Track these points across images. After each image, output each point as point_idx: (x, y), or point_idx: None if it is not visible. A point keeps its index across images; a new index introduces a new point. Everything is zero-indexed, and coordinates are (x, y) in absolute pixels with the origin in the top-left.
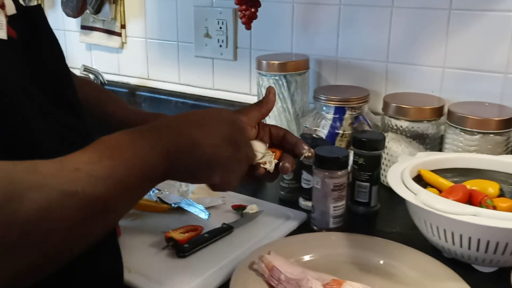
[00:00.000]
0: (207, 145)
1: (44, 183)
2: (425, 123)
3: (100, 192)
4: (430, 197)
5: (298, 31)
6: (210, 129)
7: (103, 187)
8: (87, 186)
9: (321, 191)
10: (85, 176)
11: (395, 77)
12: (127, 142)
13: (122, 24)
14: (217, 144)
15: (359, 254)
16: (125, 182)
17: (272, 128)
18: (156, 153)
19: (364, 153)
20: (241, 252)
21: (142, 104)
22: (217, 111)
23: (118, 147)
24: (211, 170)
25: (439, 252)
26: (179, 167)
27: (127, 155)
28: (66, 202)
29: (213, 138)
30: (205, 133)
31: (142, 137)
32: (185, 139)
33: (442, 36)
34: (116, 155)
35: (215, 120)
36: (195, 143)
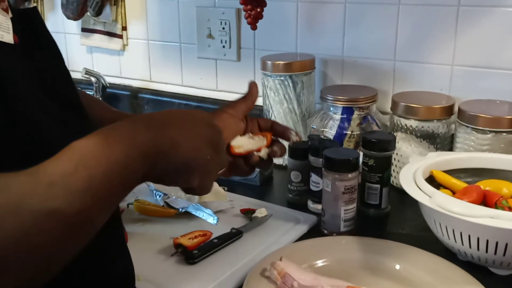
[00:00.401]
0: (187, 147)
1: (19, 205)
2: (435, 122)
3: (79, 207)
4: (446, 200)
5: (303, 30)
6: (190, 130)
7: (82, 201)
8: (65, 203)
9: (332, 194)
10: (62, 191)
11: (403, 75)
12: (103, 147)
13: (123, 26)
14: (196, 147)
15: (373, 258)
16: (103, 191)
17: (260, 120)
18: (135, 156)
19: (374, 154)
20: (252, 258)
21: (145, 107)
22: (195, 112)
23: (93, 154)
24: (190, 173)
25: (453, 255)
26: (158, 170)
27: (103, 162)
28: (43, 223)
29: (193, 139)
30: (185, 134)
31: (119, 140)
32: (164, 140)
33: (451, 33)
34: (92, 163)
35: (194, 120)
36: (174, 144)
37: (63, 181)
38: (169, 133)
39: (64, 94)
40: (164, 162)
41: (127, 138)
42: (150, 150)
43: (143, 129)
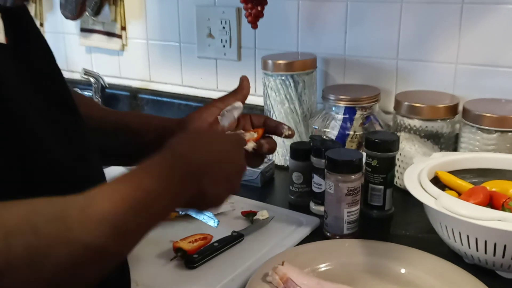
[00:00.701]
0: (212, 196)
1: (71, 237)
2: (439, 122)
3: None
4: (452, 202)
5: (304, 29)
6: (221, 180)
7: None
8: (113, 242)
9: (334, 196)
10: (111, 230)
11: (406, 74)
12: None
13: (123, 26)
14: (220, 195)
15: (377, 262)
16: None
17: (253, 117)
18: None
19: (377, 155)
20: (253, 262)
21: (145, 107)
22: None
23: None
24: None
25: (459, 257)
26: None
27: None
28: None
29: (220, 189)
30: (215, 184)
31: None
32: (196, 192)
33: (455, 31)
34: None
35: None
36: (203, 194)
37: (113, 219)
38: (201, 183)
39: (56, 93)
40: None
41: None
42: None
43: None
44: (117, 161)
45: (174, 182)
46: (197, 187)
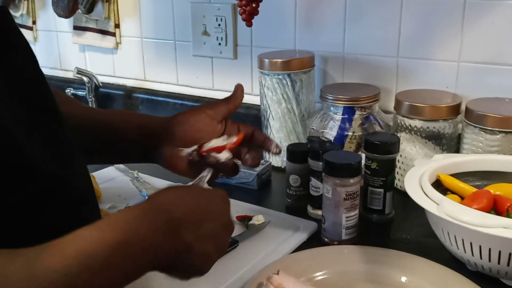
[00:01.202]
0: (198, 253)
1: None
2: (441, 122)
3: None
4: (455, 208)
5: (301, 27)
6: (206, 233)
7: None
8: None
9: (332, 201)
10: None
11: (407, 73)
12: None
13: (116, 23)
14: (207, 252)
15: (377, 270)
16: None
17: (241, 126)
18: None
19: (377, 157)
20: (248, 270)
21: (139, 107)
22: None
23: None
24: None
25: (462, 264)
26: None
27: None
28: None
29: (206, 243)
30: (200, 237)
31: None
32: (180, 246)
33: (457, 27)
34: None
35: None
36: (188, 249)
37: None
38: (187, 237)
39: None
40: (174, 265)
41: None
42: (164, 255)
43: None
44: (99, 159)
45: (150, 234)
46: (180, 241)
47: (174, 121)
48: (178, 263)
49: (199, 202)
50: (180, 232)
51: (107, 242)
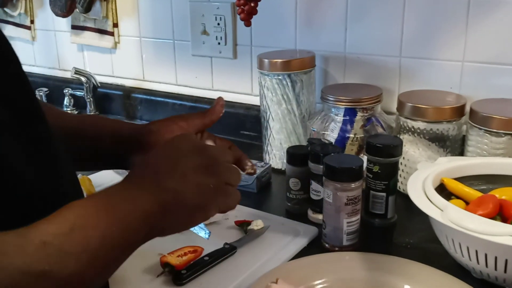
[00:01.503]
0: (190, 189)
1: (6, 264)
2: (444, 123)
3: (73, 269)
4: (460, 215)
5: (302, 26)
6: (184, 170)
7: (76, 263)
8: (57, 264)
9: (333, 205)
10: (54, 251)
11: (410, 73)
12: (102, 207)
13: (115, 22)
14: (198, 183)
15: (379, 277)
16: (101, 254)
17: (218, 140)
18: (137, 215)
19: (379, 160)
20: (246, 278)
21: (138, 107)
22: (179, 144)
23: (91, 215)
24: (206, 210)
25: (466, 271)
26: (167, 224)
27: (102, 223)
28: (33, 286)
29: (191, 178)
30: (181, 177)
31: (119, 200)
32: (165, 194)
33: (461, 26)
34: (90, 224)
35: (183, 156)
36: (176, 192)
37: (57, 241)
38: (166, 185)
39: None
40: (173, 214)
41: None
42: (154, 210)
43: (142, 191)
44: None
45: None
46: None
47: (146, 131)
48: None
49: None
50: (159, 183)
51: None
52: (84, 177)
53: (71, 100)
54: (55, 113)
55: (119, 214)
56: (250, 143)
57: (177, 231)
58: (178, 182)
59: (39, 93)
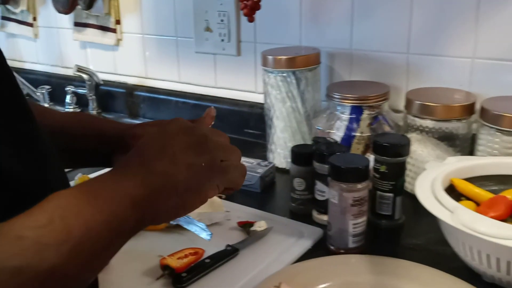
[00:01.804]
0: (181, 171)
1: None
2: (454, 122)
3: (52, 261)
4: (471, 217)
5: (307, 22)
6: (173, 152)
7: (56, 255)
8: (34, 258)
9: (339, 207)
10: (31, 245)
11: (418, 70)
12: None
13: (117, 19)
14: (189, 163)
15: (385, 281)
16: (85, 244)
17: None
18: (125, 204)
19: (386, 160)
20: (248, 281)
21: (141, 105)
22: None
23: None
24: (199, 191)
25: (477, 275)
26: (160, 210)
27: (85, 211)
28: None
29: (181, 159)
30: (171, 159)
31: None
32: (154, 178)
33: (471, 22)
34: (71, 213)
35: (171, 138)
36: (167, 175)
37: (34, 234)
38: (155, 168)
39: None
40: (165, 199)
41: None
42: (143, 195)
43: (128, 176)
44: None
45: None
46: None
47: (129, 133)
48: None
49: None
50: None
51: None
52: (84, 176)
53: (74, 98)
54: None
55: (103, 201)
56: (254, 141)
57: (172, 217)
58: (167, 164)
59: (41, 91)
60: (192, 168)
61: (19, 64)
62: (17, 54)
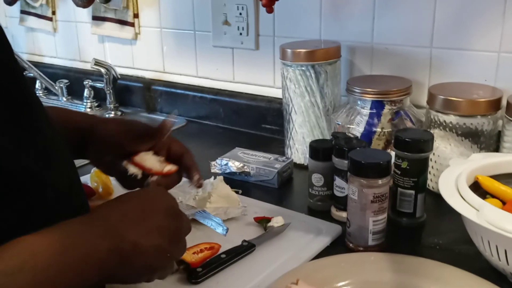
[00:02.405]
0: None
1: None
2: (478, 118)
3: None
4: (498, 215)
5: (327, 15)
6: (150, 227)
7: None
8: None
9: (358, 203)
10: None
11: (441, 64)
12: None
13: (135, 13)
14: (159, 246)
15: (406, 280)
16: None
17: (173, 144)
18: (92, 263)
19: (408, 156)
20: (264, 277)
21: (158, 100)
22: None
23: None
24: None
25: (502, 276)
26: (118, 275)
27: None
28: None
29: (154, 237)
30: (146, 233)
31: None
32: (125, 245)
33: (498, 14)
34: (41, 265)
35: (155, 212)
36: (136, 247)
37: (2, 280)
38: (129, 236)
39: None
40: (125, 268)
41: (86, 244)
42: (110, 259)
43: (102, 234)
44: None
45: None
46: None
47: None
48: (128, 264)
49: (135, 202)
50: (121, 232)
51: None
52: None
53: (91, 92)
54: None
55: (73, 259)
56: (272, 137)
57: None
58: (140, 235)
59: (60, 85)
60: (158, 251)
61: (38, 58)
62: (36, 48)
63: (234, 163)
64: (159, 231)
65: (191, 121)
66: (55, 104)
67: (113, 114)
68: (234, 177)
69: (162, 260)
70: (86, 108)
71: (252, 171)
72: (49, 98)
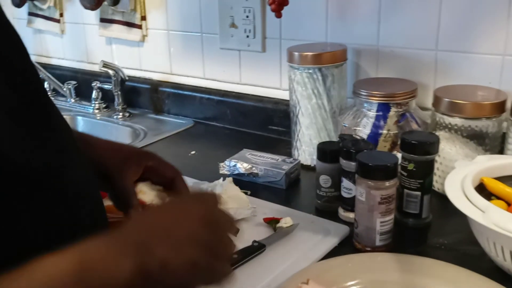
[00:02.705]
0: (180, 265)
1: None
2: (483, 120)
3: None
4: (504, 217)
5: (333, 18)
6: (182, 240)
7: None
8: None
9: (366, 204)
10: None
11: (447, 67)
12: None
13: (143, 15)
14: (192, 260)
15: (412, 280)
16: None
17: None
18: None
19: (414, 158)
20: (275, 277)
21: (166, 101)
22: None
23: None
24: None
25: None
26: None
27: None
28: None
29: (186, 252)
30: (176, 247)
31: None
32: (152, 262)
33: (503, 17)
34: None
35: (188, 223)
36: (165, 264)
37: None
38: (157, 252)
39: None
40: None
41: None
42: (135, 279)
43: (126, 251)
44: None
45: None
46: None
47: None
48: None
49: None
50: (146, 248)
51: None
52: None
53: (99, 94)
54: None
55: (95, 283)
56: (278, 138)
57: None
58: (169, 250)
59: (68, 86)
60: (193, 266)
61: (46, 59)
62: (44, 50)
63: (243, 164)
64: (191, 242)
65: (198, 122)
66: (63, 105)
67: (121, 116)
68: (242, 178)
69: (199, 276)
70: (94, 109)
71: (260, 172)
72: (57, 99)
